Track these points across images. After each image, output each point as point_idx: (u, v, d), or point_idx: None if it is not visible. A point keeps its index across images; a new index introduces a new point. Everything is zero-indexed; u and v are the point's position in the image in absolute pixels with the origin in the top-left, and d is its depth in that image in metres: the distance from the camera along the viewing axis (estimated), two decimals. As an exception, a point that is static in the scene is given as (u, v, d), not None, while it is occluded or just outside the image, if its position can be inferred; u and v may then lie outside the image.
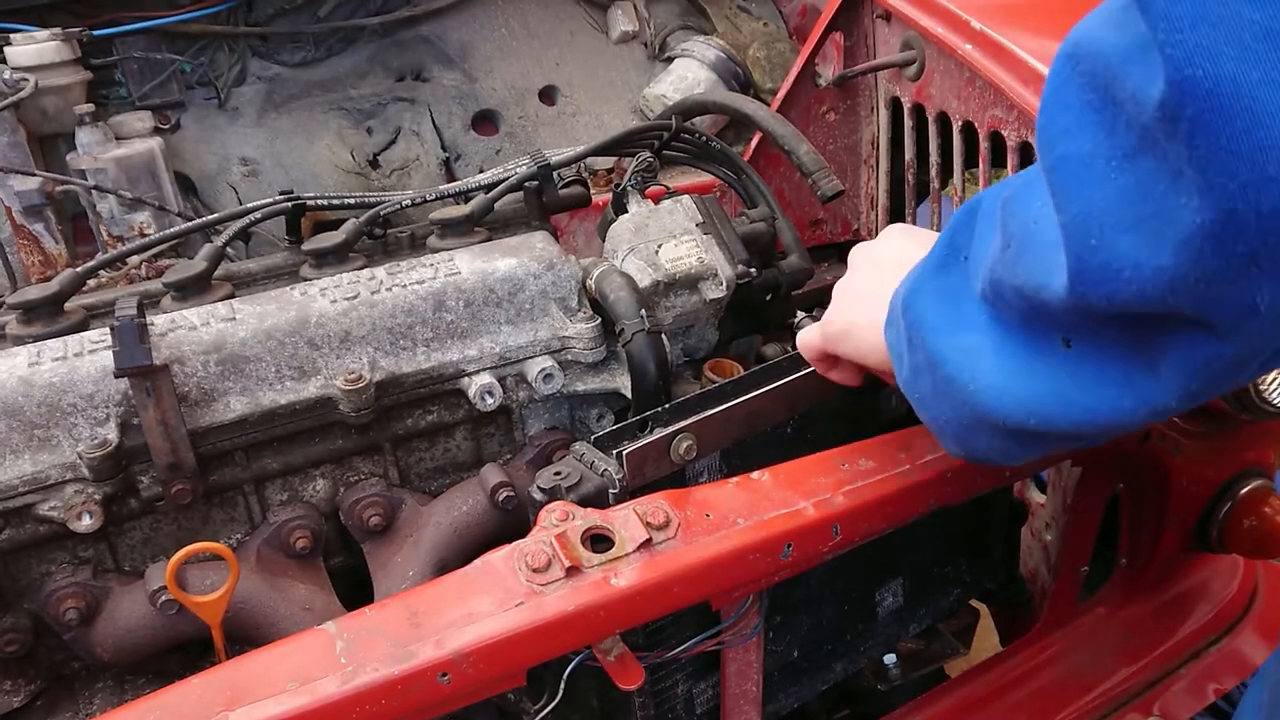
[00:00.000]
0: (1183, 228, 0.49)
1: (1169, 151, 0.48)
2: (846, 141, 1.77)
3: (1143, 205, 0.50)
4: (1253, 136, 0.44)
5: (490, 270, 1.08)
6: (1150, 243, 0.50)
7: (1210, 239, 0.48)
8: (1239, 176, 0.45)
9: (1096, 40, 0.52)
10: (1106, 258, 0.52)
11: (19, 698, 0.96)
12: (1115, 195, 0.51)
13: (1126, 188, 0.51)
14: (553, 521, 0.79)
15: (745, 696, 0.97)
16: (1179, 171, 0.48)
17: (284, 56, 1.90)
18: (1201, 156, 0.46)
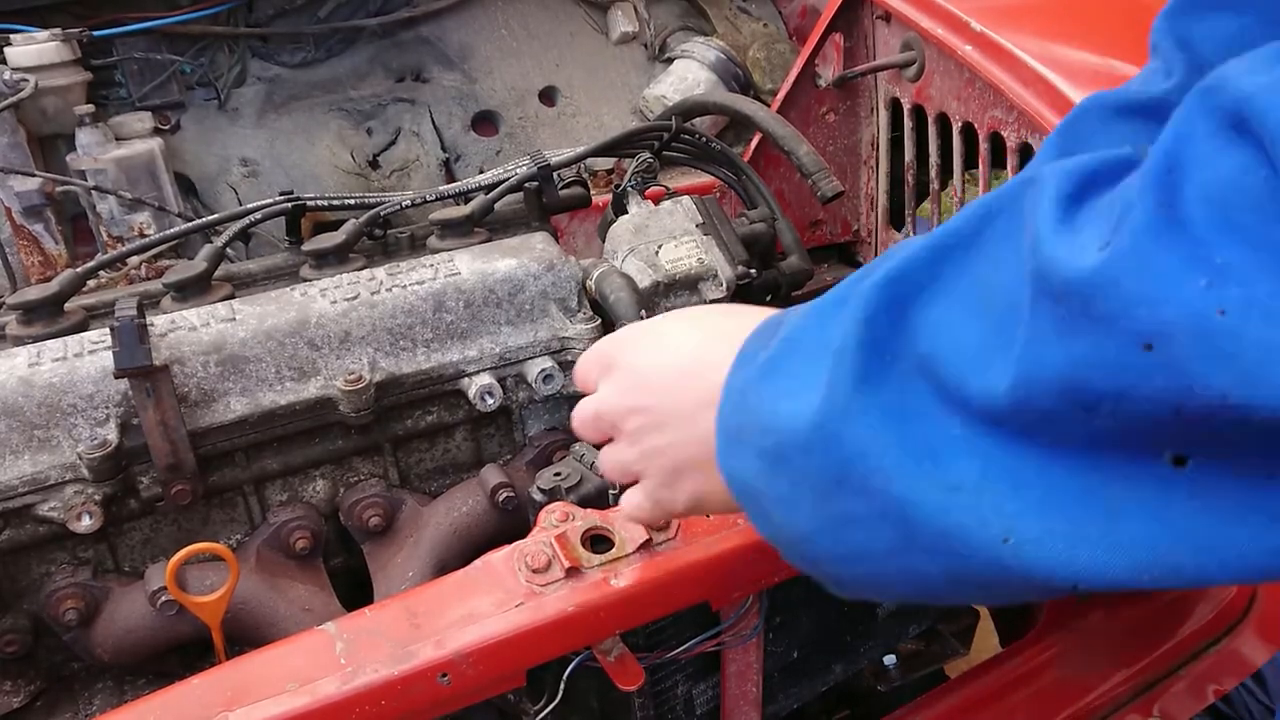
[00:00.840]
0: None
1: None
2: (846, 142, 1.77)
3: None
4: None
5: (490, 271, 1.08)
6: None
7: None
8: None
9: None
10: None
11: (19, 698, 0.96)
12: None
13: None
14: (553, 522, 0.79)
15: (745, 697, 0.97)
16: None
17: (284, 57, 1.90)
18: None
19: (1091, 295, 0.41)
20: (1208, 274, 0.39)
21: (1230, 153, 0.39)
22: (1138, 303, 0.40)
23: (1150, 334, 0.40)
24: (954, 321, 0.47)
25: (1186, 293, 0.39)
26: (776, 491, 0.54)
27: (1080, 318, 0.42)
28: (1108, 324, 0.41)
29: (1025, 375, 0.44)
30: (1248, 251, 0.38)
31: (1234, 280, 0.38)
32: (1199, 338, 0.39)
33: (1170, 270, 0.39)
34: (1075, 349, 0.42)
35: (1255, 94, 0.39)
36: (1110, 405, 0.42)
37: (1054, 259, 0.42)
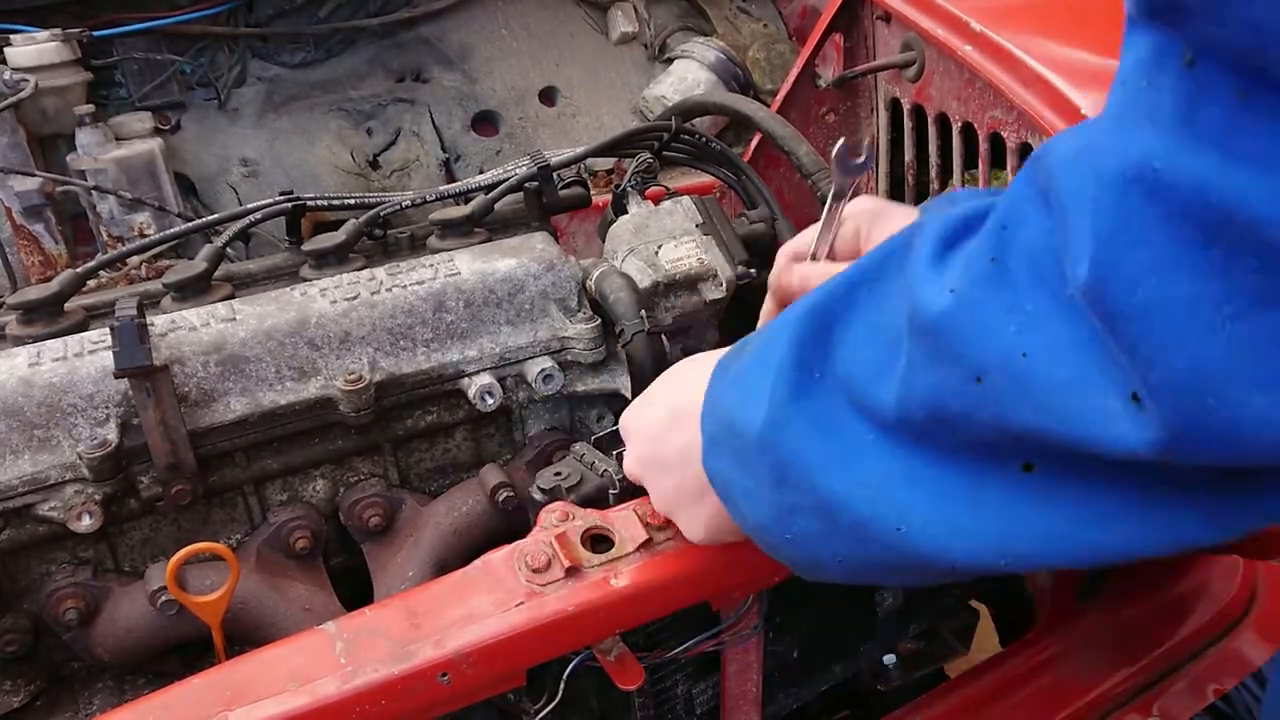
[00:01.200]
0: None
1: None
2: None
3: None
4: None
5: (490, 271, 1.08)
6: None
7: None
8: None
9: (1180, 166, 0.41)
10: (1233, 417, 0.43)
11: (19, 698, 0.96)
12: (1240, 348, 0.42)
13: (1255, 340, 0.42)
14: (553, 522, 0.79)
15: (745, 697, 0.97)
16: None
17: (284, 57, 1.90)
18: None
19: (939, 333, 0.50)
20: (1019, 321, 0.47)
21: (1041, 216, 0.47)
22: (969, 342, 0.49)
23: (979, 369, 0.49)
24: (860, 344, 0.56)
25: (1001, 336, 0.48)
26: (743, 486, 0.63)
27: (934, 351, 0.51)
28: (950, 358, 0.50)
29: (903, 395, 0.53)
30: (1050, 301, 0.46)
31: (1037, 327, 0.47)
32: (1009, 376, 0.48)
33: (993, 316, 0.48)
34: (933, 376, 0.51)
35: (1054, 165, 0.47)
36: (961, 423, 0.51)
37: (921, 299, 0.51)
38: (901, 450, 0.54)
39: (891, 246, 0.57)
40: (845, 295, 0.58)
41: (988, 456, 0.52)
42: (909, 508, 0.55)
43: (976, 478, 0.52)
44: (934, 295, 0.50)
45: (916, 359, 0.52)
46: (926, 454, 0.54)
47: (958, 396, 0.50)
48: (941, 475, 0.53)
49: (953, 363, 0.50)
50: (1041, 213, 0.47)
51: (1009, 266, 0.48)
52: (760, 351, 0.62)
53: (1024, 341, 0.47)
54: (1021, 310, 0.47)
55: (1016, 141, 1.35)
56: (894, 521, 0.55)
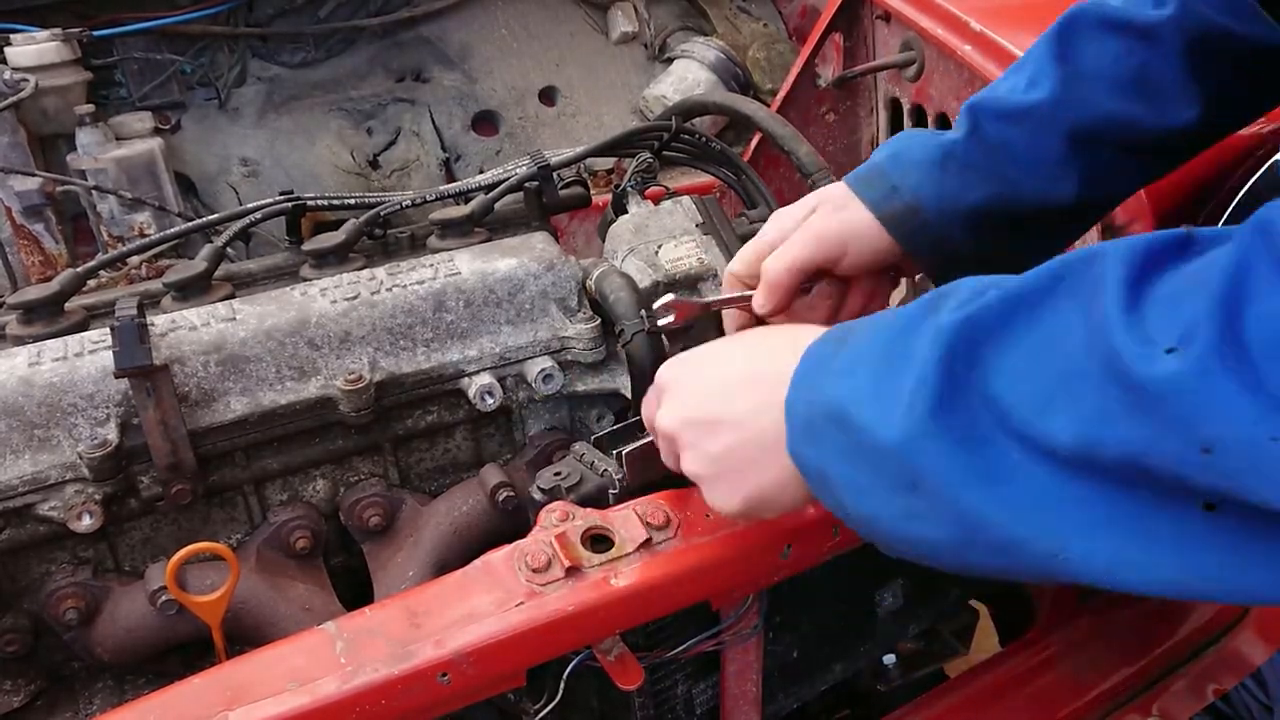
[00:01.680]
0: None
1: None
2: (846, 142, 1.77)
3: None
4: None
5: (490, 271, 1.08)
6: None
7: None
8: None
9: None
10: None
11: (19, 698, 0.96)
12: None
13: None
14: (553, 521, 0.79)
15: (745, 697, 0.97)
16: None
17: (284, 57, 1.90)
18: None
19: (1162, 398, 0.48)
20: (1263, 402, 0.45)
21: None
22: (1202, 415, 0.47)
23: (1210, 441, 0.47)
24: (1021, 370, 0.54)
25: (1244, 416, 0.46)
26: (851, 480, 0.62)
27: (1148, 411, 0.49)
28: (1174, 425, 0.48)
29: (1090, 436, 0.51)
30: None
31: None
32: (1252, 457, 0.46)
33: (1231, 393, 0.46)
34: (1139, 432, 0.49)
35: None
36: (1163, 477, 0.50)
37: (1124, 352, 0.49)
38: (1067, 480, 0.53)
39: (1061, 270, 0.55)
40: (1003, 314, 0.56)
41: (1172, 496, 0.51)
42: (1070, 536, 0.54)
43: (1154, 514, 0.52)
44: (1145, 352, 0.48)
45: (1114, 410, 0.50)
46: (1098, 487, 0.52)
47: (1172, 460, 0.49)
48: (1113, 509, 0.52)
49: (1175, 430, 0.48)
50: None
51: (1245, 340, 0.46)
52: (889, 352, 0.60)
53: (1273, 425, 0.45)
54: (1265, 391, 0.45)
55: (1016, 141, 1.35)
56: (1051, 547, 0.54)
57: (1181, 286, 0.49)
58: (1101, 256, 0.53)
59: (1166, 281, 0.50)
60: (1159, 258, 0.51)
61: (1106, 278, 0.51)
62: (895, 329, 0.61)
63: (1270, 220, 0.47)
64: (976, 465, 0.55)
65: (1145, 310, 0.50)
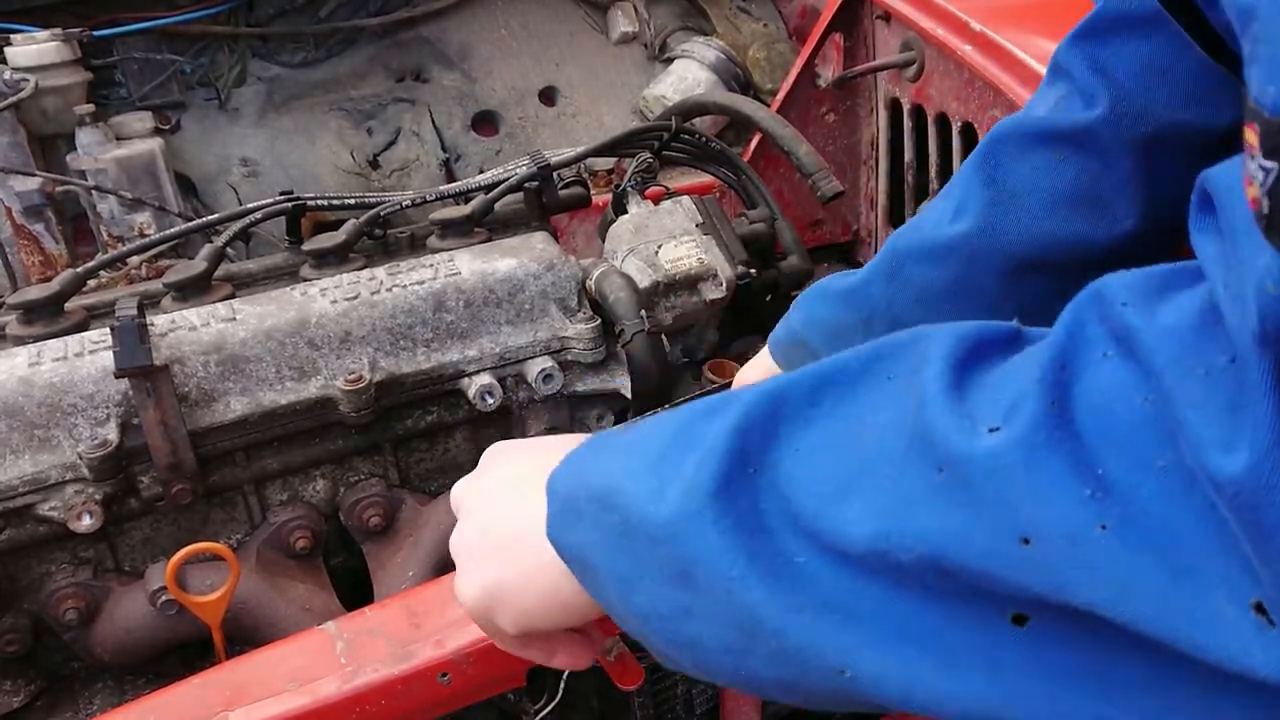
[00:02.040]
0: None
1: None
2: (846, 142, 1.77)
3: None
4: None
5: (490, 271, 1.08)
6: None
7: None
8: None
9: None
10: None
11: (19, 698, 0.96)
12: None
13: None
14: (553, 522, 0.79)
15: (745, 697, 0.97)
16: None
17: (284, 57, 1.90)
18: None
19: (976, 476, 0.41)
20: (1091, 485, 0.39)
21: (1117, 367, 0.40)
22: (1023, 498, 0.40)
23: (1029, 530, 0.40)
24: (819, 456, 0.47)
25: (1071, 500, 0.39)
26: (615, 569, 0.53)
27: (960, 493, 0.42)
28: (988, 510, 0.41)
29: (889, 530, 0.44)
30: (1130, 470, 0.39)
31: (1116, 497, 0.38)
32: (1078, 548, 0.39)
33: (1057, 473, 0.39)
34: (948, 521, 0.42)
35: (1139, 328, 0.39)
36: (969, 578, 0.42)
37: (941, 429, 0.42)
38: (857, 583, 0.45)
39: (881, 351, 0.49)
40: (811, 390, 0.49)
41: (978, 604, 0.43)
42: (856, 650, 0.46)
43: (957, 627, 0.44)
44: (964, 428, 0.42)
45: (920, 494, 0.43)
46: (891, 592, 0.45)
47: (984, 553, 0.41)
48: (908, 620, 0.45)
49: (990, 516, 0.41)
50: (1120, 363, 0.40)
51: (1074, 417, 0.40)
52: (684, 429, 0.52)
53: (1099, 511, 0.39)
54: (1093, 473, 0.39)
55: (1016, 141, 1.35)
56: (836, 664, 0.46)
57: (1009, 370, 0.44)
58: (926, 338, 0.47)
59: (994, 366, 0.45)
60: (987, 346, 0.46)
61: (930, 356, 0.45)
62: (705, 406, 0.53)
63: (1103, 287, 0.42)
64: (757, 557, 0.47)
65: (968, 391, 0.44)
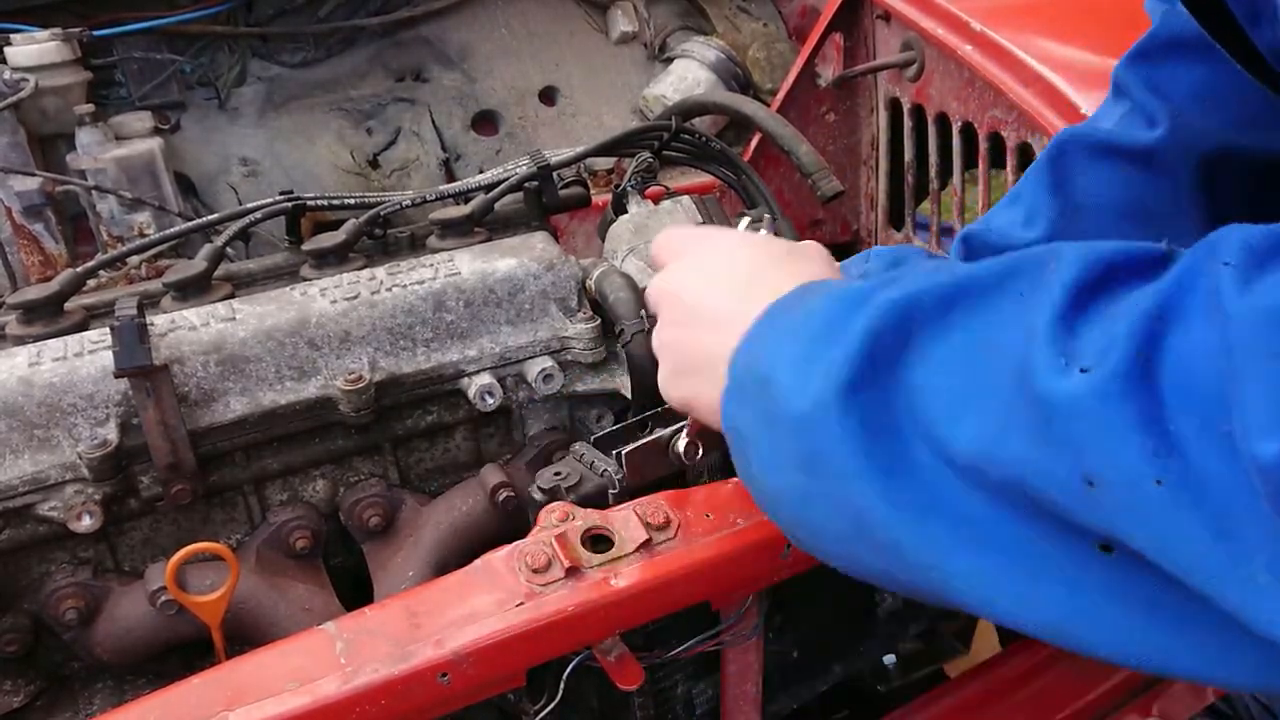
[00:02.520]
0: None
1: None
2: (846, 142, 1.77)
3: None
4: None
5: (490, 271, 1.08)
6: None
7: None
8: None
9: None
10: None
11: (19, 698, 0.96)
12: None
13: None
14: (553, 522, 0.79)
15: (745, 697, 0.97)
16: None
17: (284, 57, 1.90)
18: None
19: (1055, 416, 0.44)
20: (1156, 439, 0.41)
21: (1205, 328, 0.41)
22: (1090, 443, 0.42)
23: (1093, 473, 0.43)
24: (943, 367, 0.50)
25: (1133, 452, 0.41)
26: (761, 450, 0.58)
27: (1042, 431, 0.44)
28: (1061, 450, 0.44)
29: (985, 450, 0.47)
30: (1197, 433, 0.40)
31: (1178, 454, 0.40)
32: (1133, 498, 0.42)
33: (1127, 425, 0.41)
34: (1031, 454, 0.45)
35: (1229, 296, 0.40)
36: (1048, 505, 0.45)
37: (1039, 364, 0.44)
38: (959, 492, 0.48)
39: (1012, 267, 0.50)
40: (942, 300, 0.51)
41: (1062, 528, 0.46)
42: (951, 551, 0.49)
43: (1043, 544, 0.46)
44: (1058, 368, 0.44)
45: (1015, 424, 0.45)
46: (987, 504, 0.47)
47: (1058, 488, 0.44)
48: (999, 530, 0.47)
49: (1063, 454, 0.43)
50: (1208, 326, 0.41)
51: (1156, 372, 0.41)
52: (826, 319, 0.55)
53: (1161, 467, 0.40)
54: (1163, 429, 0.41)
55: (1016, 141, 1.35)
56: (930, 560, 0.50)
57: (1122, 306, 0.44)
58: (1058, 257, 0.48)
59: (1120, 296, 0.45)
60: (1121, 268, 0.46)
61: (1054, 281, 0.46)
62: (846, 299, 0.56)
63: (1218, 239, 0.43)
64: (877, 454, 0.50)
65: (1081, 323, 0.45)
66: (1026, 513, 0.46)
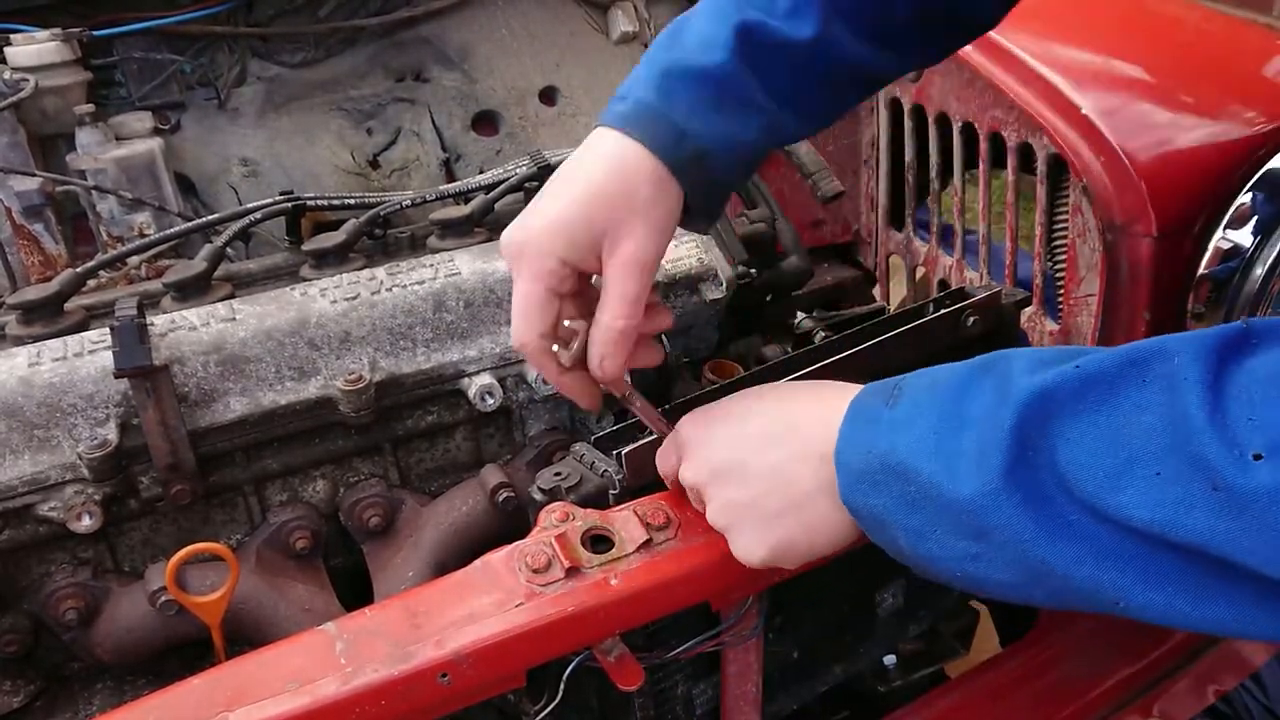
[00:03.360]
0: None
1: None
2: (846, 142, 1.77)
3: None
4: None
5: (490, 270, 1.08)
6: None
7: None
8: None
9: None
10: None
11: (18, 698, 0.96)
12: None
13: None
14: (553, 522, 0.79)
15: (745, 697, 0.97)
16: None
17: (284, 57, 1.90)
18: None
19: (1249, 503, 0.52)
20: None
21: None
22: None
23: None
24: (1089, 446, 0.59)
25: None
26: (910, 525, 0.66)
27: (1234, 510, 0.53)
28: (1260, 528, 0.52)
29: (1168, 519, 0.55)
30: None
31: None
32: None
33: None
34: (1221, 526, 0.54)
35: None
36: (1234, 562, 0.54)
37: (1213, 457, 0.53)
38: (1131, 547, 0.58)
39: (1134, 357, 0.59)
40: (1077, 391, 0.60)
41: (1223, 567, 0.55)
42: (1128, 589, 0.59)
43: (1207, 578, 0.56)
44: (1234, 458, 0.53)
45: (1197, 501, 0.54)
46: (1161, 556, 0.57)
47: (1253, 556, 0.53)
48: (1168, 572, 0.57)
49: (1263, 532, 0.52)
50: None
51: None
52: (947, 410, 0.65)
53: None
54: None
55: (1016, 141, 1.35)
56: (1112, 597, 0.59)
57: (1254, 387, 0.54)
58: (1174, 354, 0.58)
59: (1238, 379, 0.55)
60: (1226, 354, 0.56)
61: (1186, 378, 0.56)
62: (953, 388, 0.66)
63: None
64: (1044, 523, 0.60)
65: (1227, 413, 0.54)
66: (1193, 559, 0.56)
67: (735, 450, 0.76)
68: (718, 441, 0.77)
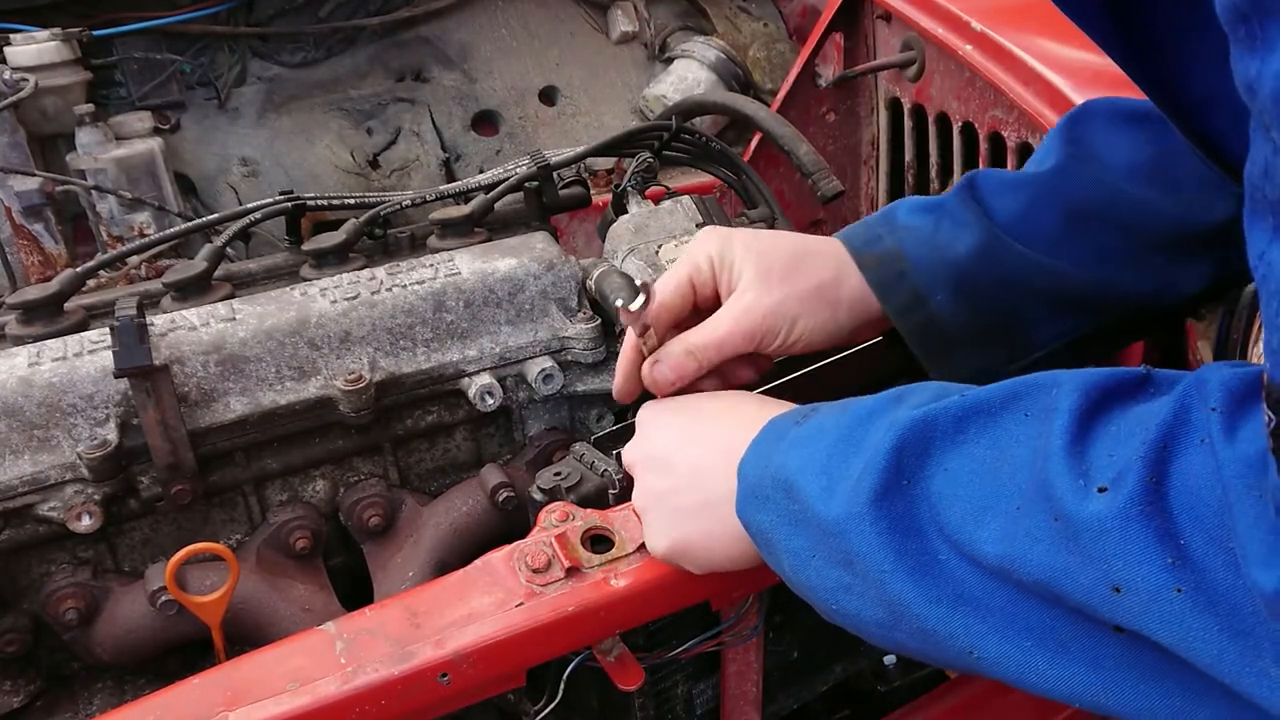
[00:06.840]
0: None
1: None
2: (846, 142, 1.77)
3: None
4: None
5: (490, 271, 1.08)
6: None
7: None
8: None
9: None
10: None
11: (18, 698, 0.96)
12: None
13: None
14: (553, 522, 0.79)
15: (745, 697, 0.97)
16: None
17: (284, 57, 1.90)
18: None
19: (1083, 533, 0.50)
20: (1173, 554, 0.48)
21: (1205, 458, 0.48)
22: (1116, 556, 0.49)
23: (1120, 582, 0.49)
24: (962, 478, 0.57)
25: (1155, 565, 0.48)
26: (793, 548, 0.65)
27: (1070, 542, 0.51)
28: (1089, 560, 0.50)
29: (1012, 554, 0.53)
30: (1206, 546, 0.47)
31: (1192, 567, 0.47)
32: (1156, 602, 0.48)
33: (1147, 541, 0.48)
34: (1059, 561, 0.52)
35: (1218, 441, 0.47)
36: (1074, 604, 0.52)
37: (1059, 485, 0.52)
38: (987, 587, 0.55)
39: (1019, 389, 0.58)
40: (958, 419, 0.58)
41: (1084, 618, 0.52)
42: (983, 637, 0.56)
43: (1067, 629, 0.53)
44: (1078, 489, 0.51)
45: (1040, 533, 0.52)
46: (1015, 598, 0.54)
47: (1085, 593, 0.51)
48: (1028, 619, 0.54)
49: (1092, 565, 0.50)
50: (1205, 459, 0.48)
51: (1167, 495, 0.48)
52: (847, 434, 0.63)
53: (1179, 577, 0.47)
54: (1178, 544, 0.48)
55: (1016, 141, 1.35)
56: (966, 645, 0.56)
57: (1125, 427, 0.52)
58: (1059, 385, 0.56)
59: (1115, 419, 0.53)
60: (1113, 393, 0.54)
61: (1060, 407, 0.54)
62: (859, 414, 0.64)
63: (1205, 380, 0.50)
64: (907, 555, 0.57)
65: (1089, 445, 0.52)
66: (1049, 604, 0.53)
67: (669, 441, 0.76)
68: (659, 429, 0.78)
